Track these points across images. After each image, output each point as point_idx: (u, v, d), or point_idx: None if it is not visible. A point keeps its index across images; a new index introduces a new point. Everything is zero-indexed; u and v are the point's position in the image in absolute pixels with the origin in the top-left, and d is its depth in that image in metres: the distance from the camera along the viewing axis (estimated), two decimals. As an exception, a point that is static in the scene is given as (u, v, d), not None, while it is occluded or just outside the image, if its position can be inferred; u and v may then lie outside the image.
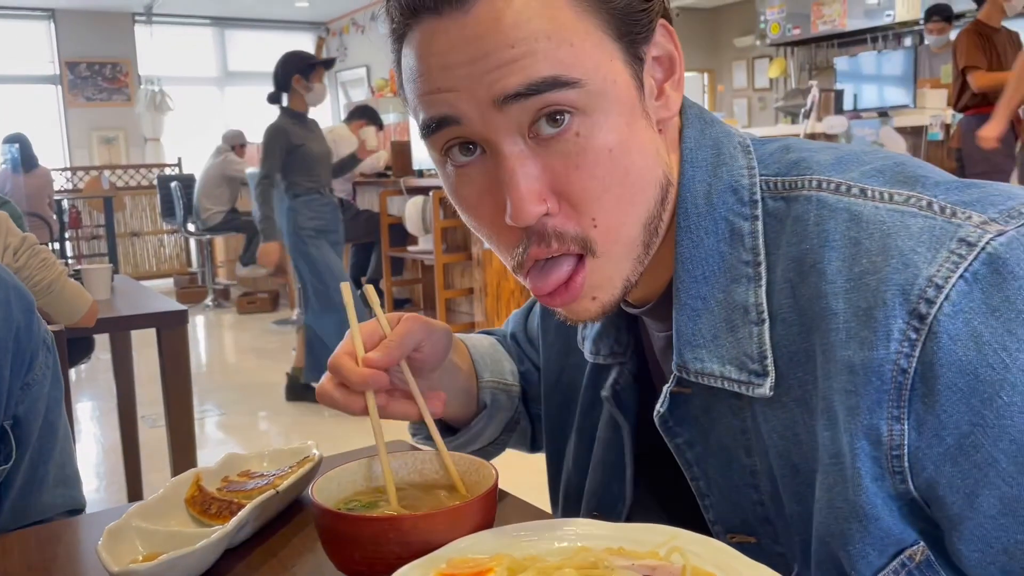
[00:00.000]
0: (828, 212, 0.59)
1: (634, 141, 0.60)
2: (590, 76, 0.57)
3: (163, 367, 2.43)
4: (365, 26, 10.12)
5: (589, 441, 0.82)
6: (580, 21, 0.57)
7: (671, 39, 0.63)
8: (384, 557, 0.60)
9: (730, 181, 0.64)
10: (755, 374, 0.61)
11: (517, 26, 0.55)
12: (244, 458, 0.87)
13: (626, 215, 0.61)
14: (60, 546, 0.78)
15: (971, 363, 0.51)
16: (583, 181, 0.58)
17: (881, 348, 0.53)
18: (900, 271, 0.53)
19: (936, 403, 0.52)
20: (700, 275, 0.64)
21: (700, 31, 10.87)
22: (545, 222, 0.59)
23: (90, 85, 9.60)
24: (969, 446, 0.52)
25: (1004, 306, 0.51)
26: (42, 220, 6.30)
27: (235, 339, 6.41)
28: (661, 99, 0.63)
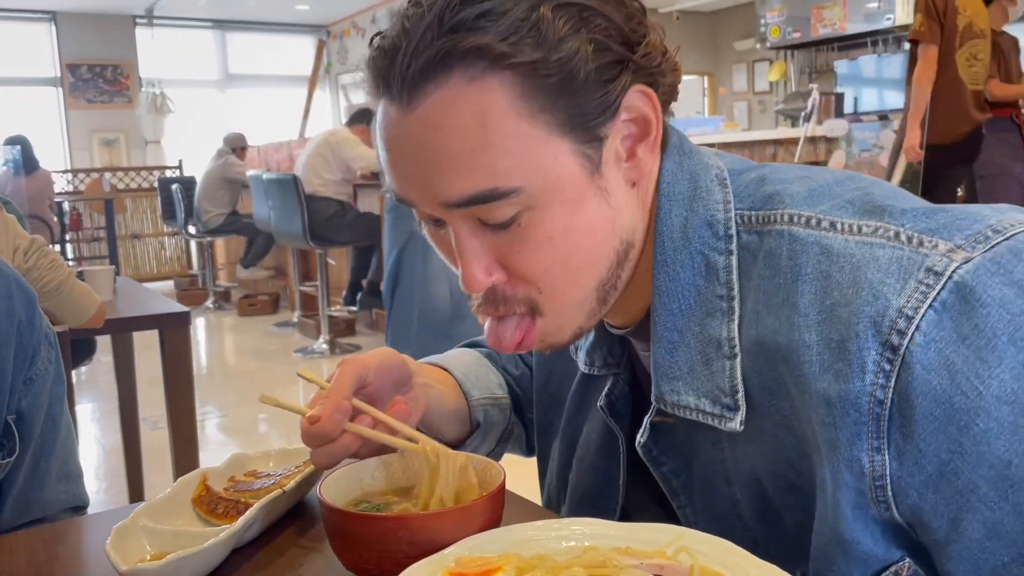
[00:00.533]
0: (800, 246, 0.59)
1: (579, 225, 0.61)
2: (530, 179, 0.58)
3: (166, 368, 2.43)
4: (366, 29, 10.13)
5: (571, 447, 0.83)
6: (521, 127, 0.57)
7: (649, 102, 0.62)
8: (392, 556, 0.60)
9: (706, 215, 0.64)
10: (727, 408, 0.63)
11: (454, 136, 0.57)
12: (250, 458, 0.87)
13: (570, 286, 0.64)
14: (66, 546, 0.78)
15: (945, 392, 0.52)
16: (525, 263, 0.62)
17: (856, 380, 0.54)
18: (871, 303, 0.54)
19: (914, 432, 0.53)
20: (676, 308, 0.64)
21: (700, 34, 10.89)
22: (495, 287, 0.64)
23: (91, 87, 9.60)
24: (950, 473, 0.53)
25: (974, 334, 0.52)
26: (43, 222, 6.30)
27: (236, 341, 6.41)
28: (632, 161, 0.63)
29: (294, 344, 5.77)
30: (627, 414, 0.76)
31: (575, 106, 0.58)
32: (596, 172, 0.61)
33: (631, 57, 0.60)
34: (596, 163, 0.61)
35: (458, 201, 0.59)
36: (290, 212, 5.21)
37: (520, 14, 0.56)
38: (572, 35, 0.57)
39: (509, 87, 0.56)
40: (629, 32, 0.60)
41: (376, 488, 0.73)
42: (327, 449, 0.70)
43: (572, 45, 0.57)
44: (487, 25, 0.56)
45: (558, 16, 0.56)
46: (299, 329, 6.17)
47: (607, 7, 0.59)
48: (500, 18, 0.56)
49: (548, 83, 0.57)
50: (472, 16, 0.56)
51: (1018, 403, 0.51)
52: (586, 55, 0.57)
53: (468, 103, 0.56)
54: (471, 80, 0.56)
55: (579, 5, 0.57)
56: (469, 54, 0.56)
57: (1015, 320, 0.51)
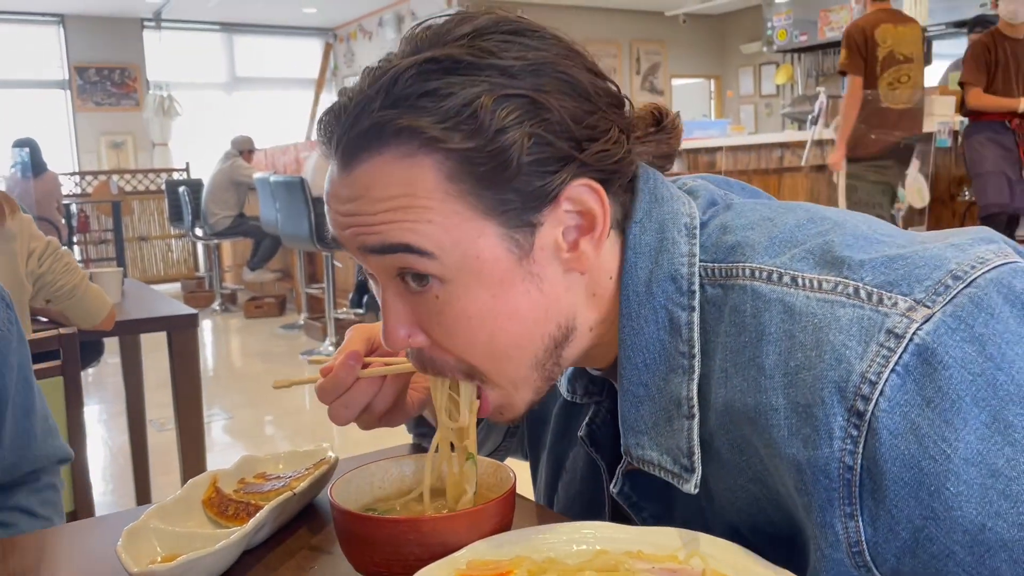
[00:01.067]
0: (763, 304, 0.59)
1: (502, 309, 0.61)
2: (446, 252, 0.59)
3: (173, 370, 2.44)
4: (372, 32, 10.15)
5: (558, 471, 0.84)
6: (446, 204, 0.58)
7: (597, 197, 0.61)
8: (403, 559, 0.60)
9: (670, 269, 0.64)
10: (684, 468, 0.63)
11: (381, 200, 0.59)
12: (260, 460, 0.88)
13: (500, 366, 0.64)
14: (76, 547, 0.78)
15: (913, 456, 0.51)
16: (446, 337, 0.63)
17: (824, 447, 0.53)
18: (834, 367, 0.53)
19: (886, 498, 0.52)
20: (641, 363, 0.64)
21: (707, 37, 10.89)
22: (421, 350, 0.65)
23: (99, 90, 9.64)
24: (925, 539, 0.52)
25: (938, 397, 0.51)
26: (51, 224, 6.32)
27: (242, 343, 6.42)
28: (574, 252, 0.62)
29: (300, 346, 5.78)
30: (609, 443, 0.76)
31: (504, 194, 0.59)
32: (526, 257, 0.61)
33: (575, 155, 0.60)
34: (526, 249, 0.61)
35: (372, 247, 0.60)
36: (297, 215, 5.22)
37: (462, 100, 0.57)
38: (512, 127, 0.57)
39: (440, 168, 0.58)
40: (582, 129, 0.60)
41: (386, 492, 0.73)
42: (343, 399, 0.71)
43: (509, 137, 0.57)
44: (428, 106, 0.57)
45: (500, 107, 0.57)
46: (305, 331, 6.18)
47: (561, 102, 0.59)
48: (442, 101, 0.57)
49: (479, 170, 0.58)
50: (416, 94, 0.57)
51: (985, 464, 0.51)
52: (521, 148, 0.57)
53: (398, 176, 0.58)
54: (404, 155, 0.58)
55: (527, 98, 0.58)
56: (403, 131, 0.58)
57: (977, 380, 0.51)
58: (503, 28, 0.60)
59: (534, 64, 0.59)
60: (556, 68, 0.60)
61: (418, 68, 0.58)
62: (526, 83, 0.58)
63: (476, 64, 0.58)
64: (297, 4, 9.62)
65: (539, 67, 0.59)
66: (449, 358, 0.64)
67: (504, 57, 0.58)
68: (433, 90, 0.57)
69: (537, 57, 0.59)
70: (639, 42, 10.42)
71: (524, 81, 0.58)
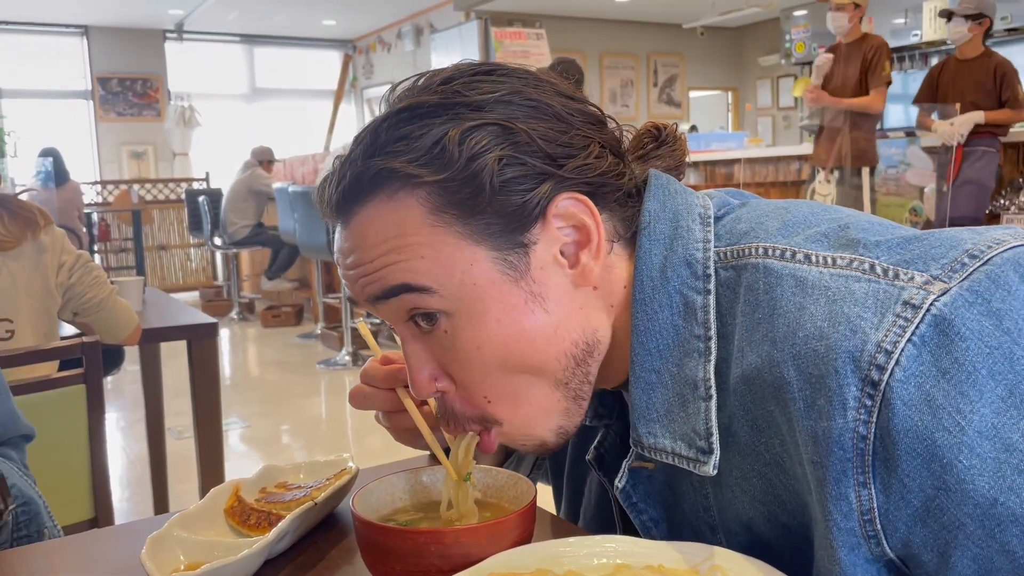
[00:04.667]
0: (775, 279, 0.59)
1: (509, 332, 0.62)
2: (443, 284, 0.61)
3: (193, 378, 2.45)
4: (391, 44, 10.22)
5: (578, 496, 0.83)
6: (435, 236, 0.61)
7: (586, 209, 0.63)
8: (425, 570, 0.60)
9: (684, 255, 0.64)
10: (701, 451, 0.62)
11: (376, 245, 0.62)
12: (281, 470, 0.88)
13: (520, 391, 0.65)
14: (100, 554, 0.79)
15: (927, 428, 0.51)
16: (461, 372, 0.64)
17: (839, 417, 0.53)
18: (848, 337, 0.53)
19: (898, 467, 0.52)
20: (655, 348, 0.64)
21: (725, 50, 10.88)
22: (445, 399, 0.67)
23: (121, 100, 9.75)
24: (936, 509, 0.52)
25: (954, 368, 0.51)
26: (72, 233, 6.39)
27: (259, 352, 6.45)
28: (576, 268, 0.64)
29: (317, 356, 5.81)
30: (617, 467, 0.76)
31: (487, 217, 0.61)
32: (523, 278, 0.62)
33: (552, 171, 0.61)
34: (522, 270, 0.62)
35: (376, 293, 0.63)
36: (315, 224, 5.25)
37: (433, 137, 0.60)
38: (482, 153, 0.60)
39: (423, 204, 0.61)
40: (557, 147, 0.62)
41: (407, 503, 0.73)
42: (368, 391, 0.76)
43: (480, 162, 0.60)
44: (402, 148, 0.61)
45: (469, 137, 0.60)
46: (322, 341, 6.21)
47: (531, 125, 0.61)
48: (416, 141, 0.61)
49: (458, 198, 0.60)
50: (392, 140, 0.62)
51: (999, 438, 0.50)
52: (492, 171, 0.60)
53: (387, 220, 0.62)
54: (390, 197, 0.62)
55: (497, 126, 0.61)
56: (382, 175, 0.61)
57: (994, 353, 0.51)
58: (472, 71, 0.64)
59: (501, 96, 0.62)
60: (524, 96, 0.63)
61: (393, 118, 0.62)
62: (494, 113, 0.61)
63: (445, 104, 0.62)
64: (317, 16, 9.70)
65: (507, 98, 0.62)
66: (468, 408, 0.66)
67: (470, 94, 0.62)
68: (406, 134, 0.62)
69: (504, 89, 0.63)
70: (656, 54, 10.43)
71: (492, 112, 0.61)
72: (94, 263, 2.06)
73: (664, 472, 0.67)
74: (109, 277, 2.14)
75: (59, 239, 1.96)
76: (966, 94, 4.40)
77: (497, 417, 0.66)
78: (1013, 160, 4.65)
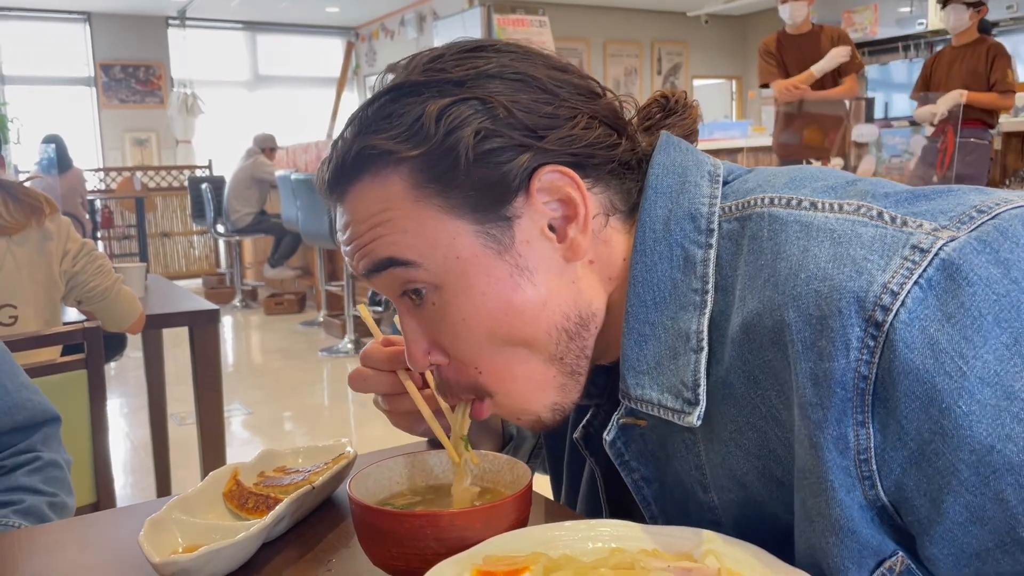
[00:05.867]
0: (780, 225, 0.59)
1: (494, 306, 0.63)
2: (427, 257, 0.63)
3: (195, 365, 2.46)
4: (394, 31, 10.18)
5: (576, 480, 0.84)
6: (418, 210, 0.62)
7: (571, 182, 0.63)
8: (421, 553, 0.61)
9: (689, 208, 0.64)
10: (687, 402, 0.62)
11: (364, 219, 0.65)
12: (280, 454, 0.89)
13: (509, 364, 0.65)
14: (99, 536, 0.79)
15: (928, 371, 0.51)
16: (451, 344, 0.66)
17: (841, 358, 0.53)
18: (854, 279, 0.53)
19: (896, 409, 0.52)
20: (651, 300, 0.64)
21: (729, 38, 10.83)
22: (439, 370, 0.68)
23: (124, 87, 9.74)
24: (931, 453, 0.52)
25: (959, 312, 0.51)
26: (75, 220, 6.40)
27: (262, 340, 6.46)
28: (565, 242, 0.64)
29: (319, 343, 5.82)
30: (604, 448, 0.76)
31: (467, 190, 0.62)
32: (507, 252, 0.63)
33: (531, 142, 0.62)
34: (506, 243, 0.63)
35: (367, 267, 0.65)
36: (318, 212, 5.25)
37: (414, 115, 0.62)
38: (460, 127, 0.61)
39: (405, 180, 0.62)
40: (539, 119, 0.62)
41: (404, 487, 0.73)
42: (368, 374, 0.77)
43: (457, 136, 0.61)
44: (386, 126, 0.63)
45: (446, 113, 0.61)
46: (325, 328, 6.22)
47: (513, 98, 0.62)
48: (399, 119, 0.62)
49: (437, 172, 0.62)
50: (378, 119, 0.63)
51: (1001, 386, 0.50)
52: (469, 144, 0.61)
53: (373, 194, 0.64)
54: (375, 175, 0.63)
55: (476, 100, 0.62)
56: (367, 152, 0.63)
57: (1001, 300, 0.51)
58: (460, 49, 0.65)
59: (485, 70, 0.63)
60: (509, 70, 0.63)
61: (381, 99, 0.64)
62: (476, 89, 0.62)
63: (429, 82, 0.63)
64: (320, 3, 9.67)
65: (491, 72, 0.63)
66: (463, 378, 0.67)
67: (454, 71, 0.63)
68: (391, 112, 0.63)
69: (488, 65, 0.63)
70: (661, 43, 10.38)
71: (474, 87, 0.62)
72: (99, 252, 2.06)
73: (656, 430, 0.67)
74: (112, 264, 2.14)
75: (64, 227, 1.97)
76: (958, 80, 4.37)
77: (488, 388, 0.67)
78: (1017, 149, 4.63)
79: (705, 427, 0.63)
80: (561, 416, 0.69)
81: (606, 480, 0.76)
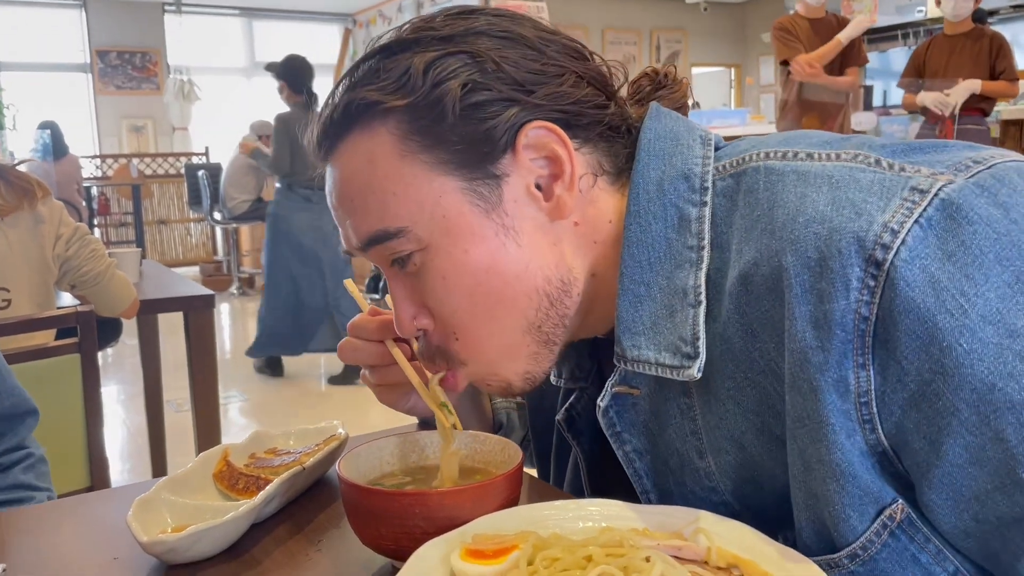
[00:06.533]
0: (776, 176, 0.59)
1: (476, 263, 0.63)
2: (415, 219, 0.62)
3: (190, 350, 2.46)
4: (392, 18, 10.13)
5: (563, 468, 0.83)
6: (404, 167, 0.62)
7: (557, 138, 0.63)
8: (410, 532, 0.60)
9: (683, 168, 0.64)
10: (687, 356, 0.62)
11: (351, 181, 0.64)
12: (271, 436, 0.88)
13: (485, 328, 0.65)
14: (89, 516, 0.79)
15: (929, 310, 0.50)
16: (434, 304, 0.65)
17: (841, 299, 0.52)
18: (853, 220, 0.53)
19: (897, 349, 0.52)
20: (645, 261, 0.64)
21: (728, 26, 10.80)
22: (425, 336, 0.68)
23: (120, 74, 9.69)
24: (931, 394, 0.51)
25: (960, 251, 0.51)
26: (71, 206, 6.38)
27: (259, 327, 6.45)
28: (551, 200, 0.64)
29: (316, 331, 5.81)
30: (588, 431, 0.75)
31: (454, 145, 0.61)
32: (494, 210, 0.62)
33: (519, 96, 0.62)
34: (493, 202, 0.62)
35: (359, 244, 0.65)
36: (314, 199, 5.23)
37: (402, 68, 0.62)
38: (447, 79, 0.61)
39: (394, 131, 0.62)
40: (527, 74, 0.62)
41: (394, 467, 0.73)
42: (357, 344, 0.76)
43: (444, 87, 0.61)
44: (374, 80, 0.63)
45: (434, 65, 0.61)
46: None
47: (501, 52, 0.62)
48: (387, 73, 0.62)
49: (423, 124, 0.61)
50: (367, 74, 0.64)
51: (1003, 324, 0.50)
52: (456, 96, 0.60)
53: (361, 150, 0.63)
54: (363, 129, 0.63)
55: (464, 53, 0.61)
56: (355, 104, 0.63)
57: (1001, 239, 0.50)
58: (450, 12, 0.65)
59: (473, 28, 0.63)
60: (497, 28, 0.63)
61: (371, 57, 0.64)
62: (464, 44, 0.62)
63: (418, 39, 0.63)
64: (317, -11, 9.62)
65: (480, 28, 0.63)
66: (440, 341, 0.66)
67: (443, 29, 0.63)
68: (379, 67, 0.63)
69: (477, 23, 0.63)
70: (659, 30, 10.34)
71: (461, 43, 0.62)
72: (92, 236, 2.06)
73: (649, 399, 0.66)
74: (108, 251, 2.13)
75: (57, 211, 1.96)
76: (962, 69, 4.36)
77: (461, 356, 0.66)
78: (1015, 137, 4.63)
79: (702, 388, 0.63)
80: (531, 385, 0.68)
81: (589, 465, 0.76)
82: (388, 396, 0.81)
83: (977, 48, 4.38)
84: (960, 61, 4.40)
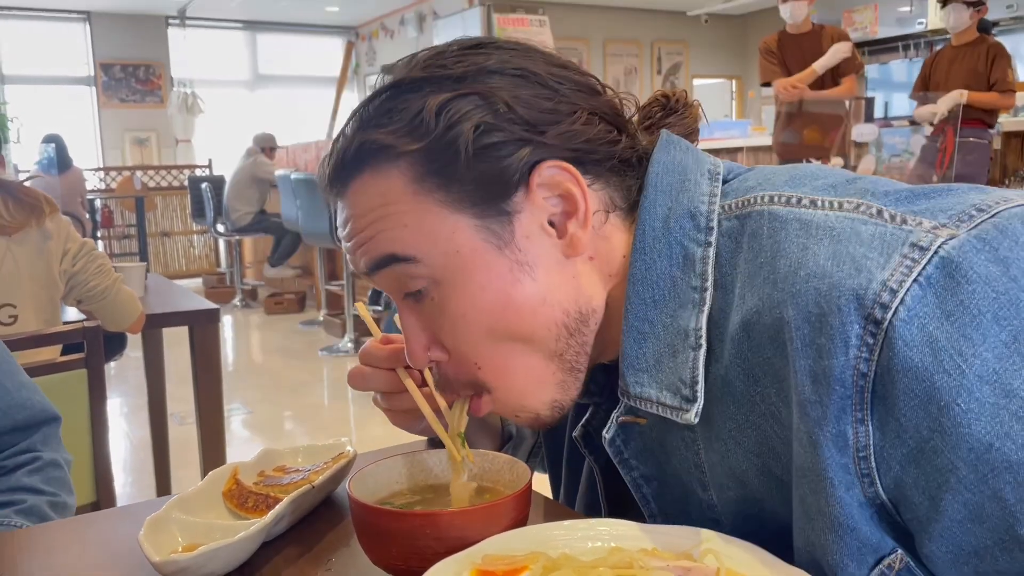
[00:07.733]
0: (779, 223, 0.59)
1: (494, 301, 0.63)
2: (426, 252, 0.63)
3: (195, 364, 2.46)
4: (394, 31, 10.18)
5: (575, 479, 0.84)
6: (417, 205, 0.63)
7: (571, 177, 0.63)
8: (420, 552, 0.61)
9: (689, 206, 0.64)
10: (686, 399, 0.62)
11: (364, 214, 0.65)
12: (279, 453, 0.89)
13: (509, 360, 0.65)
14: (99, 535, 0.79)
15: (927, 369, 0.51)
16: (451, 340, 0.66)
17: (840, 356, 0.53)
18: (853, 276, 0.53)
19: (895, 407, 0.52)
20: (650, 298, 0.64)
21: (729, 37, 10.83)
22: (439, 367, 0.68)
23: (124, 87, 9.74)
24: (929, 451, 0.52)
25: (959, 310, 0.51)
26: (75, 219, 6.40)
27: (262, 339, 6.46)
28: (565, 237, 0.64)
29: (320, 342, 5.82)
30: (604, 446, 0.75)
31: (467, 184, 0.62)
32: (507, 247, 0.63)
33: (531, 137, 0.62)
34: (506, 238, 0.63)
35: (366, 267, 0.66)
36: (317, 212, 5.25)
37: (415, 109, 0.62)
38: (460, 122, 0.61)
39: (405, 173, 0.63)
40: (539, 114, 0.63)
41: (403, 486, 0.74)
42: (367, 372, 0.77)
43: (457, 130, 0.61)
44: (386, 122, 0.63)
45: (448, 107, 0.61)
46: (325, 328, 6.22)
47: (513, 92, 0.62)
48: (399, 114, 0.63)
49: (437, 166, 0.62)
50: (378, 114, 0.64)
51: (999, 384, 0.50)
52: (468, 138, 0.61)
53: (374, 189, 0.64)
54: (375, 169, 0.64)
55: (476, 95, 0.62)
56: (367, 147, 0.63)
57: (1000, 298, 0.51)
58: (460, 46, 0.65)
59: (485, 66, 0.63)
60: (509, 66, 0.63)
61: (381, 95, 0.65)
62: (476, 84, 0.62)
63: (429, 79, 0.63)
64: (320, 3, 9.66)
65: (491, 67, 0.63)
66: (461, 373, 0.67)
67: (455, 68, 0.63)
68: (391, 108, 0.63)
69: (489, 60, 0.63)
70: (661, 42, 10.38)
71: (474, 82, 0.62)
72: (99, 252, 2.06)
73: (655, 428, 0.67)
74: (113, 265, 2.14)
75: (64, 227, 1.97)
76: (958, 79, 4.37)
77: (488, 384, 0.67)
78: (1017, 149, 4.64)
79: (704, 425, 0.63)
80: (560, 413, 0.69)
81: (605, 479, 0.76)
82: (401, 420, 0.81)
83: (975, 59, 4.40)
84: (960, 72, 4.42)
